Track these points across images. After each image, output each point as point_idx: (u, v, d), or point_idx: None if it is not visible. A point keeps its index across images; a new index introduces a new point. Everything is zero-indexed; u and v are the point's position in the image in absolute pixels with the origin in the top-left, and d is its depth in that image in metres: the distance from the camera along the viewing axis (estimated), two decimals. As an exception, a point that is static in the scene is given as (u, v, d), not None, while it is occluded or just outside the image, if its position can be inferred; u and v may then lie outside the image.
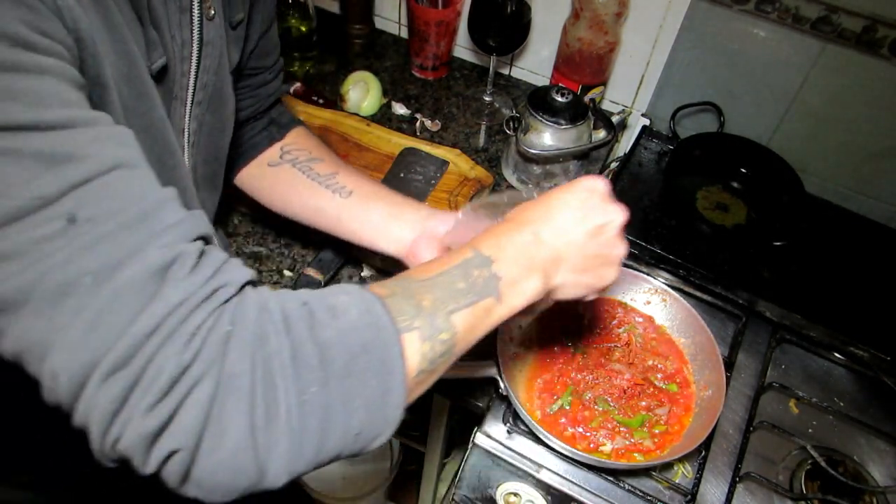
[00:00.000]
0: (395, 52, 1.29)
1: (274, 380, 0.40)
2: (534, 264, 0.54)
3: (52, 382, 0.38)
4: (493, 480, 0.83)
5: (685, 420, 0.82)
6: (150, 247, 0.38)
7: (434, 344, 0.47)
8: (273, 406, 0.39)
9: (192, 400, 0.38)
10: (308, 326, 0.42)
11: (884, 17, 0.91)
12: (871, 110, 1.01)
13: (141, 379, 0.37)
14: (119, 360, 0.36)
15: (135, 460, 0.38)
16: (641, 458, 0.78)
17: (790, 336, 0.96)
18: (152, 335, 0.37)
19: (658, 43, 1.10)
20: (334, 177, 0.79)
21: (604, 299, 0.92)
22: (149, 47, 0.51)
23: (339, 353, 0.42)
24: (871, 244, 1.05)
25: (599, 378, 0.84)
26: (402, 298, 0.47)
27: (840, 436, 0.88)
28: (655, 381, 0.85)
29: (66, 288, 0.36)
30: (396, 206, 0.77)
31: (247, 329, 0.40)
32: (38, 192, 0.36)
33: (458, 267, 0.51)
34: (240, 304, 0.41)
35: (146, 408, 0.37)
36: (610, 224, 0.58)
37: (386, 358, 0.44)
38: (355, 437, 0.43)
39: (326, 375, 0.41)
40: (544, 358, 0.85)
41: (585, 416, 0.80)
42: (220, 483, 0.39)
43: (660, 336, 0.90)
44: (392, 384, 0.44)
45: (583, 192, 0.58)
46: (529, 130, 0.98)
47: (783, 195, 1.04)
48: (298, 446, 0.40)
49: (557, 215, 0.56)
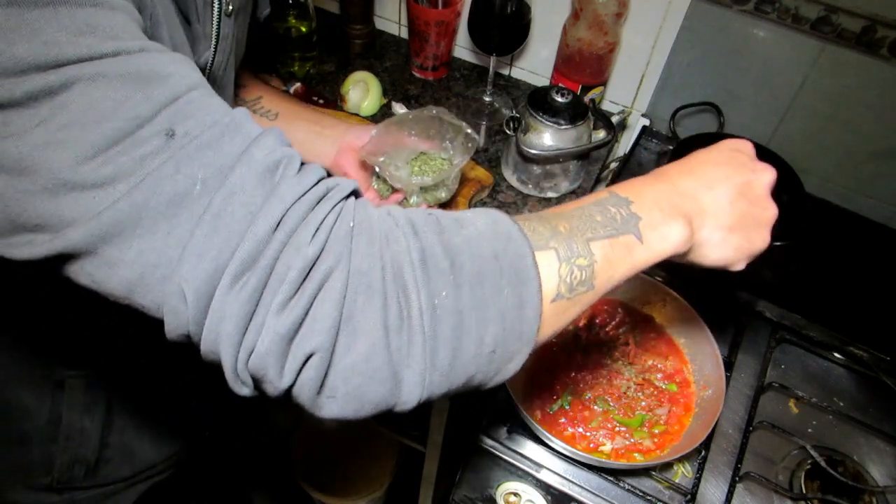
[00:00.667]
0: (395, 52, 1.29)
1: (404, 280, 0.38)
2: (676, 211, 0.50)
3: (177, 303, 0.36)
4: (493, 480, 0.83)
5: (685, 420, 0.82)
6: (254, 148, 0.38)
7: (572, 268, 0.43)
8: (405, 306, 0.37)
9: (325, 295, 0.36)
10: (436, 232, 0.40)
11: (884, 17, 0.91)
12: (871, 110, 1.01)
13: (270, 277, 0.36)
14: (246, 260, 0.35)
15: (270, 373, 0.37)
16: (641, 458, 0.78)
17: (790, 336, 0.96)
18: (276, 232, 0.36)
19: (658, 43, 1.10)
20: (259, 101, 0.83)
21: (604, 299, 0.92)
22: (195, 42, 0.52)
23: (469, 259, 0.40)
24: (871, 244, 1.05)
25: (599, 378, 0.84)
26: (538, 222, 0.44)
27: (840, 436, 0.88)
28: (655, 381, 0.85)
29: (178, 199, 0.35)
30: (317, 123, 0.83)
31: (372, 227, 0.39)
32: (133, 112, 0.35)
33: (594, 204, 0.48)
34: (359, 205, 0.40)
35: (279, 306, 0.36)
36: (758, 181, 0.55)
37: (520, 268, 0.41)
38: (490, 354, 0.40)
39: (458, 280, 0.39)
40: (544, 358, 0.85)
41: (585, 416, 0.80)
42: (355, 390, 0.37)
43: (660, 336, 0.90)
44: (527, 296, 0.41)
45: (728, 151, 0.55)
46: (529, 130, 0.98)
47: (783, 195, 1.04)
48: (433, 353, 0.38)
49: (699, 169, 0.53)
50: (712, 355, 0.83)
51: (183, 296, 0.36)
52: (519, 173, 1.04)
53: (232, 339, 0.36)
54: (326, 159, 0.82)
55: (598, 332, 0.89)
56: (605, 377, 0.84)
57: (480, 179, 1.04)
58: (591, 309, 0.91)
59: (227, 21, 0.58)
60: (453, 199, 1.01)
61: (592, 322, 0.90)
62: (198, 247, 0.35)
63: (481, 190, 1.03)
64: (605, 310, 0.92)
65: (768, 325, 0.96)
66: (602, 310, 0.92)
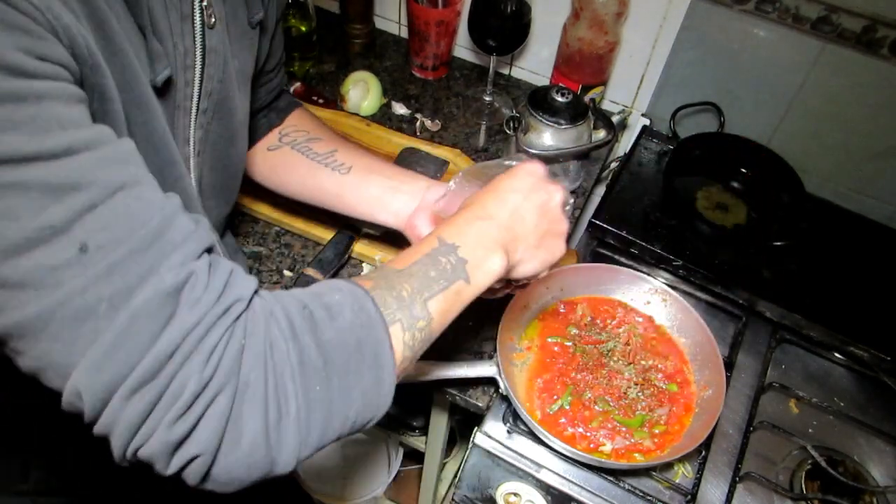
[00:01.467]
0: (395, 52, 1.29)
1: (284, 383, 0.43)
2: (496, 244, 0.58)
3: (73, 398, 0.39)
4: (493, 480, 0.83)
5: (685, 420, 0.82)
6: (162, 269, 0.40)
7: (413, 332, 0.51)
8: (284, 406, 0.43)
9: (213, 411, 0.40)
10: (311, 330, 0.46)
11: (884, 17, 0.91)
12: (871, 110, 1.01)
13: (165, 394, 0.39)
14: (143, 378, 0.38)
15: (157, 465, 0.41)
16: (642, 459, 0.78)
17: (790, 336, 0.96)
18: (174, 355, 0.39)
19: (658, 43, 1.10)
20: (333, 154, 0.81)
21: (604, 299, 0.92)
22: (152, 59, 0.51)
23: (338, 352, 0.46)
24: (871, 244, 1.05)
25: (599, 378, 0.84)
26: (385, 290, 0.51)
27: (840, 436, 0.88)
28: (655, 380, 0.85)
29: (83, 314, 0.38)
30: (395, 178, 0.79)
31: (258, 339, 0.43)
32: (48, 221, 0.37)
33: (428, 258, 0.55)
34: (250, 315, 0.44)
35: (170, 421, 0.39)
36: (552, 200, 0.64)
37: (378, 352, 0.48)
38: (353, 422, 0.48)
39: (329, 374, 0.45)
40: (544, 358, 0.85)
41: (585, 416, 0.80)
42: (236, 478, 0.43)
43: (660, 336, 0.90)
44: (383, 374, 0.48)
45: (525, 177, 0.63)
46: (529, 130, 0.98)
47: (783, 195, 1.04)
48: (305, 437, 0.44)
49: (508, 198, 0.61)
50: (712, 355, 0.83)
51: (80, 395, 0.39)
52: (519, 173, 1.04)
53: (122, 439, 0.40)
54: (401, 217, 0.78)
55: (599, 332, 0.89)
56: (606, 377, 0.84)
57: (480, 179, 1.04)
58: (591, 309, 0.91)
59: (212, 34, 0.57)
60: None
61: (593, 322, 0.90)
62: (98, 360, 0.38)
63: (481, 190, 1.03)
64: (605, 310, 0.92)
65: (768, 325, 0.96)
66: (602, 310, 0.92)
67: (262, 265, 0.93)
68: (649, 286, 0.91)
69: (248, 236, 0.96)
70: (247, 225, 0.98)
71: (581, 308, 0.91)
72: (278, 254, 0.95)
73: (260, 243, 0.95)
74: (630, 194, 1.06)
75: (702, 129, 1.11)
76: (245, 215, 0.98)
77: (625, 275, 0.91)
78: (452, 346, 0.87)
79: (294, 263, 0.94)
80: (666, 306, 0.90)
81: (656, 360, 0.86)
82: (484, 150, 1.12)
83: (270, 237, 0.96)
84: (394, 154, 1.06)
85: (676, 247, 0.99)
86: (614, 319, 0.91)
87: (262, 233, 0.97)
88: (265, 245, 0.95)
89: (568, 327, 0.89)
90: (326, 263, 0.89)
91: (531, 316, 0.89)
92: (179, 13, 0.53)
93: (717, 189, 1.09)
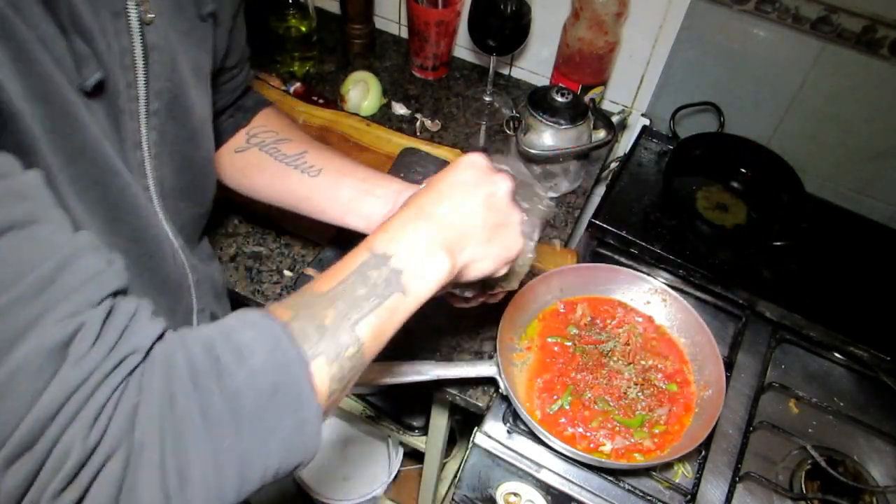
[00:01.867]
0: (395, 52, 1.29)
1: (185, 443, 0.39)
2: (435, 246, 0.53)
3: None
4: (493, 480, 0.83)
5: (685, 420, 0.82)
6: (47, 321, 0.36)
7: (342, 362, 0.46)
8: (186, 470, 0.38)
9: (102, 480, 0.36)
10: (216, 377, 0.41)
11: (884, 17, 0.91)
12: (871, 110, 1.01)
13: (46, 463, 0.35)
14: (22, 444, 0.35)
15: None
16: (641, 459, 0.78)
17: (790, 336, 0.96)
18: (55, 417, 0.35)
19: (658, 43, 1.10)
20: (303, 156, 0.77)
21: (604, 299, 0.92)
22: (78, 62, 0.46)
23: (249, 399, 0.41)
24: (871, 244, 1.05)
25: (599, 378, 0.84)
26: (305, 320, 0.46)
27: (840, 436, 0.88)
28: (655, 380, 0.85)
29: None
30: (367, 181, 0.75)
31: (154, 395, 0.39)
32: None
33: (356, 274, 0.50)
34: (147, 368, 0.40)
35: (54, 493, 0.36)
36: (499, 191, 0.58)
37: (298, 393, 0.43)
38: (276, 471, 0.43)
39: (240, 425, 0.40)
40: (544, 358, 0.85)
41: (585, 416, 0.80)
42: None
43: (660, 336, 0.90)
44: (307, 416, 0.43)
45: (467, 168, 0.58)
46: (529, 130, 0.98)
47: (783, 195, 1.04)
48: (218, 498, 0.40)
49: (448, 193, 0.56)
50: (712, 355, 0.83)
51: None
52: (519, 173, 1.04)
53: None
54: (372, 221, 0.74)
55: (599, 332, 0.89)
56: (605, 377, 0.84)
57: (480, 179, 1.04)
58: (591, 309, 0.91)
59: (151, 30, 0.52)
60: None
61: (593, 322, 0.90)
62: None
63: (481, 190, 1.03)
64: (605, 310, 0.92)
65: (768, 325, 0.96)
66: (602, 310, 0.92)
67: (262, 265, 0.93)
68: (649, 286, 0.91)
69: (248, 236, 0.96)
70: (247, 225, 0.98)
71: (581, 308, 0.91)
72: (278, 254, 0.95)
73: (260, 243, 0.96)
74: (630, 194, 1.06)
75: (702, 129, 1.11)
76: (245, 215, 0.98)
77: (625, 275, 0.91)
78: (452, 346, 0.87)
79: (294, 263, 0.94)
80: (666, 306, 0.90)
81: (656, 360, 0.86)
82: (484, 151, 1.13)
83: (270, 237, 0.96)
84: (394, 154, 1.06)
85: (676, 247, 0.99)
86: (614, 319, 0.91)
87: (262, 233, 0.97)
88: (265, 245, 0.95)
89: (568, 327, 0.89)
90: (326, 263, 0.89)
91: (531, 316, 0.89)
92: (111, 11, 0.48)
93: (717, 189, 1.09)
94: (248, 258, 0.93)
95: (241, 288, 0.90)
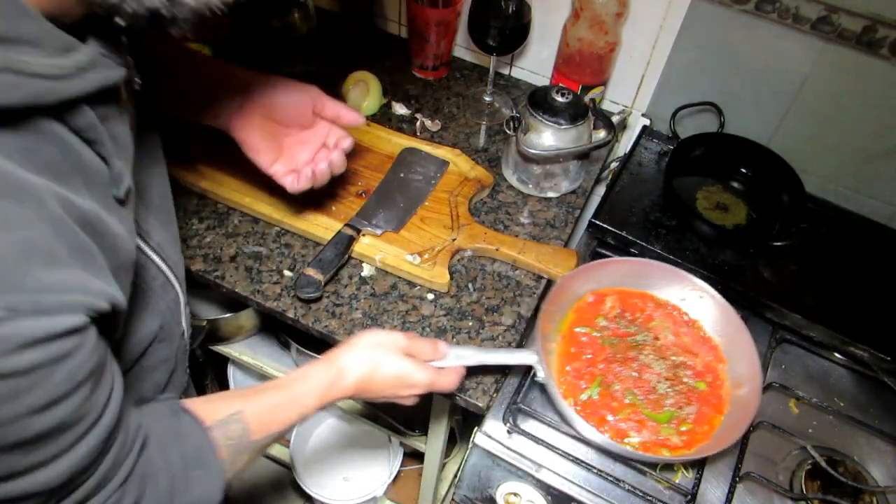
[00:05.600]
0: (395, 52, 1.29)
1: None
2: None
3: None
4: (493, 480, 0.83)
5: (714, 421, 0.81)
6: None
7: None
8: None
9: None
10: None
11: (884, 17, 0.91)
12: (871, 110, 1.01)
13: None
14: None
15: None
16: (668, 454, 0.78)
17: (790, 336, 0.96)
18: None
19: (658, 43, 1.10)
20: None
21: (635, 293, 0.93)
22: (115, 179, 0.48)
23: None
24: (871, 244, 1.05)
25: (628, 371, 0.84)
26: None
27: (840, 436, 0.88)
28: (685, 377, 0.84)
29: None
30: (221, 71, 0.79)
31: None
32: None
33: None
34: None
35: None
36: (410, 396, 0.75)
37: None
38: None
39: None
40: (570, 347, 0.86)
41: (614, 408, 0.80)
42: None
43: (693, 332, 0.89)
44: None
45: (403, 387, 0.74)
46: (529, 130, 0.98)
47: (783, 195, 1.04)
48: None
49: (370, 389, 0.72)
50: (748, 353, 0.83)
51: None
52: (519, 173, 1.04)
53: None
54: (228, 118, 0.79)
55: (628, 325, 0.89)
56: (636, 370, 0.84)
57: (480, 179, 1.04)
58: (620, 302, 0.91)
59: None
60: (454, 199, 1.00)
61: (622, 314, 0.90)
62: None
63: (481, 190, 1.03)
64: (634, 303, 0.92)
65: (768, 325, 0.96)
66: (632, 303, 0.92)
67: (262, 265, 0.93)
68: (685, 282, 0.90)
69: (248, 236, 0.96)
70: (247, 225, 0.98)
71: (610, 300, 0.91)
72: (278, 254, 0.95)
73: (260, 243, 0.95)
74: (630, 194, 1.06)
75: (702, 129, 1.11)
76: (245, 215, 0.98)
77: (660, 269, 0.92)
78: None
79: (294, 263, 0.94)
80: (702, 303, 0.90)
81: (686, 357, 0.86)
82: (484, 150, 1.13)
83: (270, 237, 0.96)
84: (394, 154, 1.06)
85: (676, 247, 0.99)
86: (643, 313, 0.91)
87: (262, 233, 0.97)
88: (265, 245, 0.95)
89: (597, 318, 0.89)
90: (326, 263, 0.89)
91: (567, 307, 0.90)
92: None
93: (717, 189, 1.09)
94: (248, 258, 0.93)
95: (241, 288, 0.90)
